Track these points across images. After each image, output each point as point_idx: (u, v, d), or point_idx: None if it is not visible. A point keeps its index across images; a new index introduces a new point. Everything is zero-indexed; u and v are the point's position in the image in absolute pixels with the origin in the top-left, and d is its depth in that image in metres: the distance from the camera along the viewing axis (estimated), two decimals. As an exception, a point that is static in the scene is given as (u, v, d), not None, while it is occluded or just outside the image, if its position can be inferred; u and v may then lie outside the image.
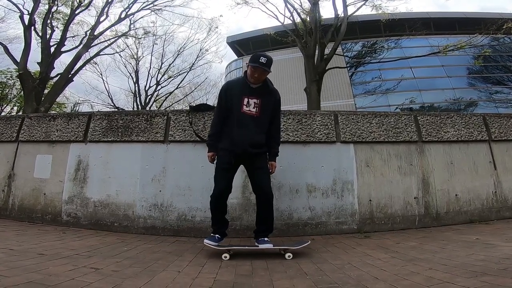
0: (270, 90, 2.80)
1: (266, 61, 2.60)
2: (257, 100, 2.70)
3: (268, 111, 2.75)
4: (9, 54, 12.71)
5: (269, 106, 2.76)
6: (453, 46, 13.15)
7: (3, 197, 3.94)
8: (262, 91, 2.74)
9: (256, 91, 2.72)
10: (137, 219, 3.49)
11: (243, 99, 2.69)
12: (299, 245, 2.54)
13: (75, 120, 3.97)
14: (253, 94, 2.71)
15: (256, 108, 2.69)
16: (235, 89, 2.77)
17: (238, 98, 2.70)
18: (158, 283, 1.78)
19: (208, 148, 2.83)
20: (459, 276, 1.67)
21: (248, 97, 2.69)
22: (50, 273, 1.79)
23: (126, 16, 16.25)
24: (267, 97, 2.76)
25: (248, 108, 2.68)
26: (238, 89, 2.75)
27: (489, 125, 4.10)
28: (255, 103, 2.69)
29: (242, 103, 2.68)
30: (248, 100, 2.69)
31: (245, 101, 2.69)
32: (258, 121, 2.70)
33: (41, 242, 2.67)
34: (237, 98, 2.70)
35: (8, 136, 4.15)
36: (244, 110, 2.68)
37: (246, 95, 2.70)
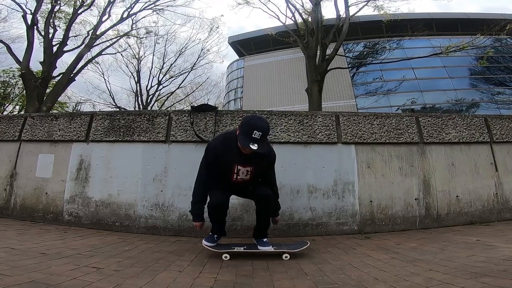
0: (264, 156, 2.43)
1: (260, 136, 2.23)
2: (250, 168, 2.45)
3: (260, 173, 2.57)
4: (12, 54, 12.77)
5: (262, 169, 2.55)
6: (455, 47, 13.13)
7: (5, 196, 3.96)
8: (256, 158, 2.40)
9: (249, 158, 2.39)
10: (138, 218, 3.51)
11: (234, 168, 2.43)
12: (298, 248, 2.51)
13: (77, 119, 3.99)
14: (246, 162, 2.42)
15: (249, 175, 2.48)
16: (225, 155, 2.43)
17: (229, 166, 2.44)
18: (159, 282, 1.79)
19: (193, 217, 2.55)
20: (459, 277, 1.68)
21: (240, 166, 2.43)
22: (52, 272, 1.80)
23: (128, 16, 16.31)
24: (261, 163, 2.50)
25: (240, 177, 2.47)
26: (228, 155, 2.42)
27: (491, 127, 4.09)
28: (247, 171, 2.46)
29: (233, 172, 2.44)
30: (240, 169, 2.44)
31: (236, 169, 2.44)
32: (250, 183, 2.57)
33: (43, 242, 2.69)
34: (227, 166, 2.45)
35: (10, 136, 4.17)
36: (235, 179, 2.48)
37: (237, 162, 2.42)
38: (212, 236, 2.61)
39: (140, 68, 22.20)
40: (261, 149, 2.23)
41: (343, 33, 12.73)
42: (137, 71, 22.12)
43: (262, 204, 2.55)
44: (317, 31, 12.46)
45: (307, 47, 12.91)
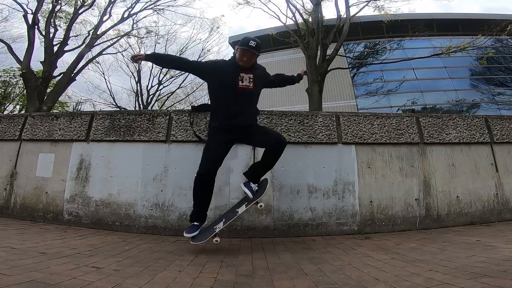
0: (258, 66, 2.91)
1: (255, 45, 2.67)
2: (251, 75, 2.77)
3: (260, 84, 2.89)
4: (13, 53, 12.79)
5: (261, 79, 2.89)
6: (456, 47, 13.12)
7: (5, 195, 3.96)
8: (252, 68, 2.80)
9: (247, 68, 2.77)
10: (138, 218, 3.51)
11: (239, 75, 2.73)
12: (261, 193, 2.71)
13: (78, 119, 3.99)
14: (246, 70, 2.76)
15: (252, 83, 2.76)
16: (228, 67, 2.80)
17: (234, 75, 2.73)
18: (159, 282, 1.79)
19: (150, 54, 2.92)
20: (459, 278, 1.67)
21: (243, 73, 2.74)
22: (52, 272, 1.79)
23: (129, 15, 16.33)
24: (258, 73, 2.86)
25: (244, 84, 2.73)
26: (231, 67, 2.78)
27: (491, 127, 4.09)
28: (250, 78, 2.76)
29: (238, 79, 2.72)
30: (243, 76, 2.74)
31: (240, 76, 2.73)
32: (254, 95, 2.84)
33: (43, 241, 2.68)
34: (232, 75, 2.73)
35: (11, 135, 4.17)
36: (240, 86, 2.72)
37: (240, 71, 2.75)
38: (192, 225, 2.68)
39: (140, 68, 22.26)
40: (257, 52, 2.69)
41: (343, 34, 12.73)
42: (138, 71, 22.17)
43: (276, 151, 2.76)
44: (317, 31, 12.46)
45: (307, 47, 12.92)
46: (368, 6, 14.43)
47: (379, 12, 15.10)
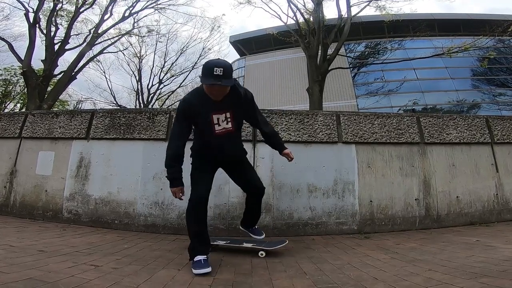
0: (239, 95, 2.25)
1: (222, 72, 2.02)
2: (228, 113, 2.23)
3: (240, 117, 2.38)
4: (14, 52, 12.77)
5: (241, 112, 2.34)
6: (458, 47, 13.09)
7: (5, 193, 3.96)
8: (231, 101, 2.22)
9: (224, 103, 2.20)
10: (138, 216, 3.50)
11: (212, 118, 2.21)
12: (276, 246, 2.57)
13: (78, 117, 3.99)
14: (221, 108, 2.21)
15: (230, 123, 2.27)
16: (200, 107, 2.20)
17: (206, 118, 2.21)
18: (158, 281, 1.79)
19: (171, 182, 2.24)
20: (458, 277, 1.67)
21: (217, 113, 2.22)
22: (50, 270, 1.79)
23: (130, 14, 16.30)
24: (239, 105, 2.28)
25: (221, 127, 2.24)
26: (203, 107, 2.20)
27: (492, 128, 4.08)
28: (227, 118, 2.24)
29: (213, 123, 2.22)
30: (218, 117, 2.22)
31: (215, 119, 2.22)
32: (234, 136, 2.38)
33: (42, 239, 2.68)
34: (204, 119, 2.21)
35: (11, 133, 4.17)
36: (217, 130, 2.24)
37: (213, 111, 2.21)
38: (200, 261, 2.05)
39: (141, 67, 22.26)
40: (228, 82, 2.08)
41: (344, 33, 12.70)
42: (139, 70, 22.17)
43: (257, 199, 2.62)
44: (318, 31, 12.44)
45: (308, 47, 12.91)
46: (369, 6, 14.42)
47: (380, 12, 15.06)
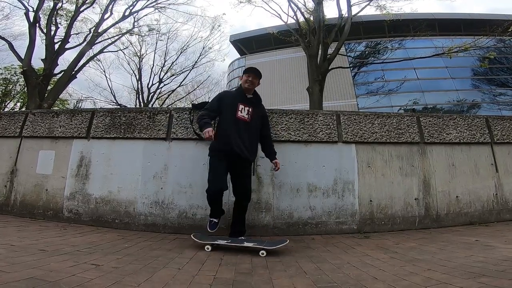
0: (260, 103, 3.19)
1: (257, 71, 3.08)
2: (249, 108, 3.04)
3: (257, 119, 3.09)
4: (14, 51, 12.76)
5: (258, 116, 3.10)
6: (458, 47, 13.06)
7: (5, 192, 3.97)
8: (254, 102, 3.10)
9: (249, 101, 3.07)
10: (138, 216, 3.51)
11: (238, 106, 3.00)
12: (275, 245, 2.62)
13: (78, 116, 3.99)
14: (246, 102, 3.05)
15: (249, 116, 3.02)
16: (231, 98, 3.10)
17: (234, 105, 3.01)
18: (158, 280, 1.79)
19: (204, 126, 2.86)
20: (457, 277, 1.68)
21: (243, 104, 3.02)
22: (51, 269, 1.80)
23: (130, 13, 16.26)
24: (257, 108, 3.11)
25: (242, 114, 3.00)
26: (234, 98, 3.09)
27: (492, 128, 4.09)
28: (248, 111, 3.03)
29: (237, 109, 2.99)
30: (242, 107, 3.01)
31: (240, 108, 3.00)
32: (250, 127, 3.01)
33: (42, 238, 2.69)
34: (233, 104, 3.01)
35: (11, 132, 4.17)
36: (239, 115, 2.98)
37: (241, 102, 3.03)
38: (213, 223, 2.98)
39: (141, 66, 22.21)
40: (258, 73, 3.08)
41: (345, 33, 12.67)
42: (139, 69, 22.12)
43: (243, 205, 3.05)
44: (319, 31, 12.41)
45: (308, 46, 12.88)
46: (369, 6, 14.39)
47: (381, 11, 15.02)
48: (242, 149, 2.89)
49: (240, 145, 2.89)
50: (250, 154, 2.99)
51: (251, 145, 2.99)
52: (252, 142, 3.03)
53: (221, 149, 2.92)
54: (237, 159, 2.90)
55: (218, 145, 2.96)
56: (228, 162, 2.91)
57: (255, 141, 3.09)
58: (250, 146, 2.97)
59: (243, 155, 2.89)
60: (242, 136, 2.92)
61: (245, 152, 2.91)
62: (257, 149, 3.15)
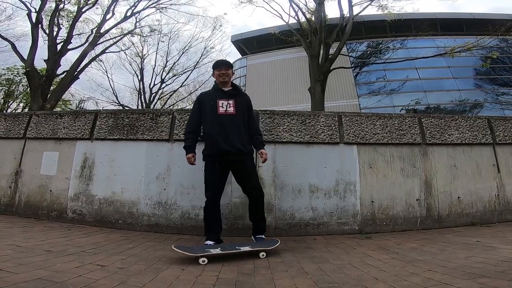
0: (240, 92, 3.11)
1: (224, 61, 3.11)
2: (230, 101, 2.94)
3: (242, 109, 2.98)
4: (17, 52, 12.84)
5: (243, 106, 3.00)
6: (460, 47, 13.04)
7: (10, 193, 4.01)
8: (233, 94, 3.01)
9: (228, 94, 2.98)
10: (141, 216, 3.55)
11: (217, 102, 2.92)
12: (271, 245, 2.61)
13: (82, 118, 4.03)
14: (225, 97, 2.96)
15: (232, 108, 2.92)
16: (208, 97, 3.03)
17: (213, 103, 2.93)
18: (163, 280, 1.82)
19: (186, 150, 2.97)
20: (457, 278, 1.70)
21: (222, 100, 2.93)
22: (58, 269, 1.83)
23: (132, 14, 16.34)
24: (239, 98, 3.02)
25: (224, 109, 2.90)
26: (211, 96, 3.02)
27: (494, 128, 4.09)
28: (229, 104, 2.93)
29: (218, 106, 2.91)
30: (222, 102, 2.92)
31: (220, 103, 2.91)
32: (236, 120, 2.90)
33: (48, 239, 2.73)
34: (212, 104, 2.93)
35: (15, 133, 4.22)
36: (221, 111, 2.89)
37: (220, 98, 2.94)
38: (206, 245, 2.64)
39: (143, 66, 22.32)
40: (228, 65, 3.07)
41: (346, 33, 12.68)
42: (141, 69, 22.24)
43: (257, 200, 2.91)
44: (320, 31, 12.43)
45: (310, 46, 12.89)
46: (371, 5, 14.40)
47: (382, 11, 15.03)
48: (232, 143, 2.79)
49: (228, 140, 2.80)
50: (242, 145, 2.85)
51: (240, 137, 2.87)
52: (241, 134, 2.90)
53: (210, 153, 2.87)
54: (231, 157, 2.80)
55: (206, 150, 2.92)
56: (223, 164, 2.83)
57: (245, 132, 2.95)
58: (239, 138, 2.85)
59: (235, 149, 2.79)
60: (228, 131, 2.82)
61: (236, 145, 2.80)
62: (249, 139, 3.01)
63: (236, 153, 2.80)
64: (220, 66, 3.02)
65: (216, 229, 2.84)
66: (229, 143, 2.79)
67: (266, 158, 2.99)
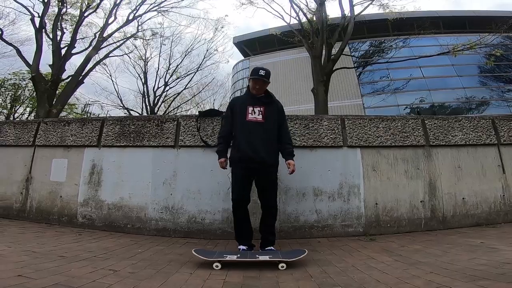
0: (272, 101, 3.02)
1: (265, 74, 2.91)
2: (261, 108, 2.91)
3: (272, 118, 2.93)
4: (22, 57, 13.01)
5: (273, 114, 2.95)
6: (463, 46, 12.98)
7: (22, 199, 4.11)
8: (265, 100, 2.96)
9: (259, 100, 2.94)
10: (149, 221, 3.62)
11: (247, 109, 2.90)
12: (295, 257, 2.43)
13: (89, 125, 4.12)
14: (256, 103, 2.92)
15: (261, 115, 2.89)
16: (240, 102, 3.03)
17: (244, 108, 2.92)
18: (173, 284, 1.89)
19: (218, 154, 3.01)
20: (458, 280, 1.74)
21: (252, 106, 2.91)
22: (73, 275, 1.91)
23: (134, 18, 16.47)
24: (270, 106, 2.97)
25: (253, 116, 2.88)
26: (242, 101, 3.01)
27: (498, 129, 4.10)
28: (259, 111, 2.90)
29: (247, 112, 2.89)
30: (252, 109, 2.90)
31: (250, 110, 2.89)
32: (264, 128, 2.86)
33: (60, 244, 2.81)
34: (242, 108, 2.92)
35: (25, 141, 4.32)
36: (250, 118, 2.87)
37: (250, 104, 2.92)
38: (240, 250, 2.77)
39: (147, 70, 22.43)
40: (267, 78, 2.91)
41: (348, 33, 12.69)
42: (144, 72, 22.34)
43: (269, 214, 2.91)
44: (322, 31, 12.44)
45: (312, 47, 12.90)
46: (372, 5, 14.37)
47: (384, 10, 15.00)
48: (256, 150, 2.75)
49: (253, 147, 2.76)
50: (267, 155, 2.79)
51: (266, 146, 2.81)
52: (269, 143, 2.85)
53: (235, 158, 2.87)
54: (253, 164, 2.77)
55: (233, 154, 2.92)
56: (248, 171, 2.81)
57: (272, 141, 2.89)
58: (265, 147, 2.80)
59: (258, 157, 2.74)
60: (254, 138, 2.79)
61: (260, 153, 2.75)
62: (277, 150, 2.94)
63: (259, 161, 2.76)
64: (256, 79, 2.91)
65: (244, 234, 2.87)
66: (253, 150, 2.77)
67: (293, 170, 2.90)
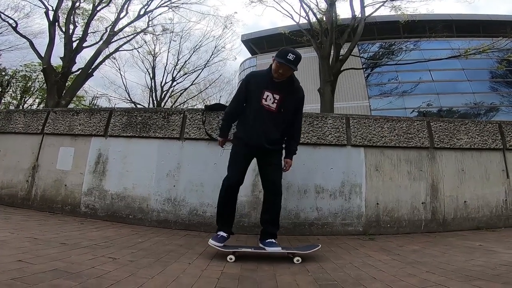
0: (294, 88, 2.64)
1: (294, 59, 2.43)
2: (277, 96, 2.56)
3: (287, 109, 2.61)
4: (34, 49, 13.24)
5: (290, 105, 2.62)
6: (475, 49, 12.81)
7: (27, 187, 4.19)
8: (285, 88, 2.59)
9: (279, 86, 2.56)
10: (151, 212, 3.67)
11: (263, 93, 2.57)
12: (309, 250, 2.41)
13: (97, 115, 4.18)
14: (274, 89, 2.56)
15: (275, 104, 2.56)
16: (257, 81, 2.64)
17: (259, 91, 2.58)
18: (170, 273, 1.92)
19: (219, 132, 3.00)
20: (453, 280, 1.74)
21: (269, 91, 2.56)
22: (72, 261, 1.95)
23: (145, 13, 16.62)
24: (290, 95, 2.61)
25: (266, 103, 2.56)
26: (260, 82, 2.62)
27: (505, 133, 4.05)
28: (274, 99, 2.56)
29: (262, 97, 2.56)
30: (268, 95, 2.56)
31: (265, 95, 2.56)
32: (275, 118, 2.59)
33: (62, 232, 2.86)
34: (257, 91, 2.59)
35: (34, 129, 4.40)
36: (263, 104, 2.56)
37: (267, 89, 2.57)
38: (217, 235, 2.51)
39: (155, 65, 22.57)
40: (294, 65, 2.44)
41: (358, 34, 12.61)
42: (152, 67, 22.48)
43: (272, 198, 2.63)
44: (331, 31, 12.39)
45: (320, 47, 12.86)
46: (384, 6, 14.27)
47: (396, 12, 14.87)
48: (262, 141, 2.56)
49: (261, 137, 2.56)
50: (270, 144, 2.60)
51: (274, 137, 2.61)
52: (275, 133, 2.62)
53: (240, 137, 2.67)
54: (257, 150, 2.63)
55: (238, 133, 2.72)
56: (249, 152, 2.64)
57: (282, 131, 2.67)
58: (273, 138, 2.60)
59: (264, 148, 2.58)
60: (264, 127, 2.57)
61: (266, 146, 2.57)
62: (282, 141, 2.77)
63: (263, 148, 2.59)
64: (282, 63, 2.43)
65: (228, 219, 2.63)
66: (261, 139, 2.56)
67: (287, 169, 2.75)
